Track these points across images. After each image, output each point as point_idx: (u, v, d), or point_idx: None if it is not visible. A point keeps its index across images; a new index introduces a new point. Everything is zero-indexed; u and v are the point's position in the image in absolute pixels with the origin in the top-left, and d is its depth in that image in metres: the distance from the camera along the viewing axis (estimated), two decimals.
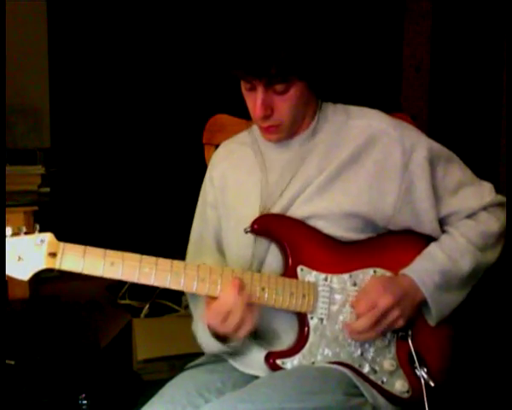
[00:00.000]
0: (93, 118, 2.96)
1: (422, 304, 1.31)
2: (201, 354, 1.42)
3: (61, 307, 2.18)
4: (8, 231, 1.19)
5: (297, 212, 1.32)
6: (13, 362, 1.79)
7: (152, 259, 1.22)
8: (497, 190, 1.43)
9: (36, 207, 2.21)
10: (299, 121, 1.36)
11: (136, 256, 1.21)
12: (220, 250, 1.44)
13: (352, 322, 1.27)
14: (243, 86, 1.31)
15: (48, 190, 2.44)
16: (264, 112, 1.29)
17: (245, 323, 1.22)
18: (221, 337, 1.28)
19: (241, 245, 1.34)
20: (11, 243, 1.18)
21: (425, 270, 1.31)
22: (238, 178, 1.42)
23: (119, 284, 2.54)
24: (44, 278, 2.39)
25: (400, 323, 1.28)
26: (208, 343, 1.34)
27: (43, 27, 2.82)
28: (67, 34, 2.87)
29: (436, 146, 1.38)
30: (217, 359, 1.38)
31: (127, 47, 2.96)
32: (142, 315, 2.41)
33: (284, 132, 1.35)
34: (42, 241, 1.19)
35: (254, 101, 1.29)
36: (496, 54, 2.68)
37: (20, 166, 2.43)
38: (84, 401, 1.83)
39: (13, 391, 1.74)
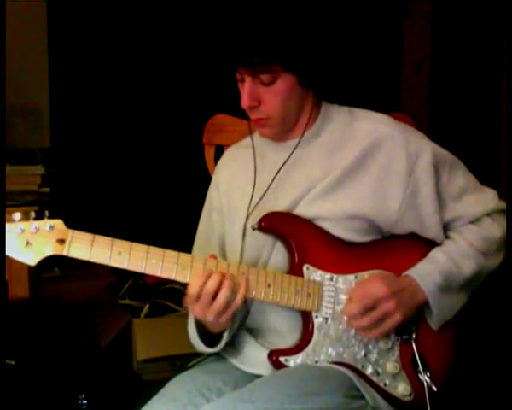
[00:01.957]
0: (93, 118, 2.96)
1: (424, 307, 1.31)
2: (202, 353, 1.41)
3: (61, 307, 2.18)
4: (17, 216, 1.17)
5: (301, 213, 1.32)
6: (13, 362, 1.79)
7: (159, 250, 1.22)
8: (498, 190, 1.42)
9: (36, 208, 2.19)
10: (291, 118, 1.35)
11: (144, 247, 1.21)
12: (225, 255, 1.43)
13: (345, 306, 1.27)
14: (237, 79, 1.32)
15: (48, 190, 2.45)
16: (251, 102, 1.29)
17: (230, 306, 1.21)
18: (205, 334, 1.29)
19: (246, 246, 1.34)
20: (20, 227, 1.16)
21: (426, 270, 1.31)
22: (241, 181, 1.42)
23: (119, 284, 2.54)
24: (44, 278, 2.39)
25: (397, 317, 1.26)
26: (195, 341, 1.34)
27: (43, 27, 2.82)
28: (67, 34, 2.87)
29: (441, 151, 1.37)
30: (218, 358, 1.37)
31: (127, 47, 2.96)
32: (142, 315, 2.40)
33: (276, 128, 1.35)
34: (51, 227, 1.18)
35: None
36: (496, 54, 2.68)
37: (20, 166, 2.44)
38: (84, 401, 1.83)
39: (13, 391, 1.74)
